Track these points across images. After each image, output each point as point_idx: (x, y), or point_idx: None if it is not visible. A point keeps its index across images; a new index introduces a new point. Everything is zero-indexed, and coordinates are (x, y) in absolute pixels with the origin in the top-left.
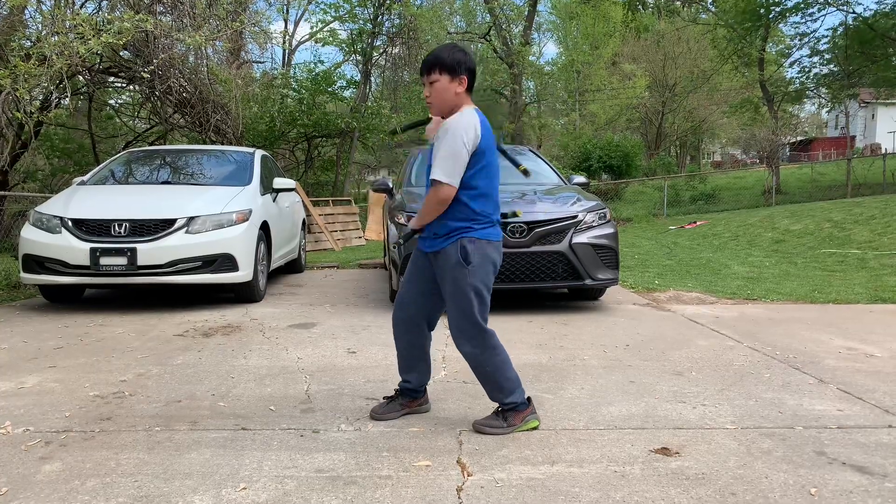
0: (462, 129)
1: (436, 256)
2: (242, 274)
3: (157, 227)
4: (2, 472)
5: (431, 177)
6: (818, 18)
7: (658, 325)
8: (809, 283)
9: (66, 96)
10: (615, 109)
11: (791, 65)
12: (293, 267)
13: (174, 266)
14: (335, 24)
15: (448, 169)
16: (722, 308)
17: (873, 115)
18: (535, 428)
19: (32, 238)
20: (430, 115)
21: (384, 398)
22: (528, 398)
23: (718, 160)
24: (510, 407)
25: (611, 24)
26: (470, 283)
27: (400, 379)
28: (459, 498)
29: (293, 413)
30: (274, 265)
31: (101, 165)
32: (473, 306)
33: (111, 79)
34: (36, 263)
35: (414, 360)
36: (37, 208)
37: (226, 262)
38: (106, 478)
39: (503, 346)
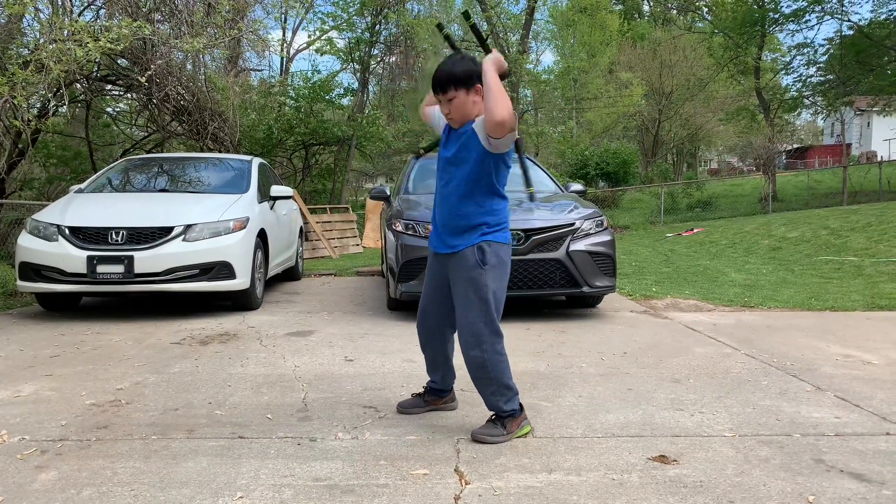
0: None
1: (449, 258)
2: (240, 282)
3: (154, 235)
4: None
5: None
6: (814, 26)
7: (655, 332)
8: (806, 291)
9: (64, 104)
10: (612, 117)
11: (787, 73)
12: (291, 274)
13: (171, 274)
14: (333, 33)
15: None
16: (719, 315)
17: (869, 122)
18: (527, 433)
19: (29, 246)
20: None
21: (413, 395)
22: (520, 404)
23: (715, 168)
24: (509, 413)
25: (607, 33)
26: (487, 285)
27: (428, 378)
28: None
29: (290, 421)
30: (271, 273)
31: (98, 173)
32: (491, 309)
33: (109, 87)
34: (33, 271)
35: (438, 364)
36: (34, 216)
37: (223, 269)
38: (102, 487)
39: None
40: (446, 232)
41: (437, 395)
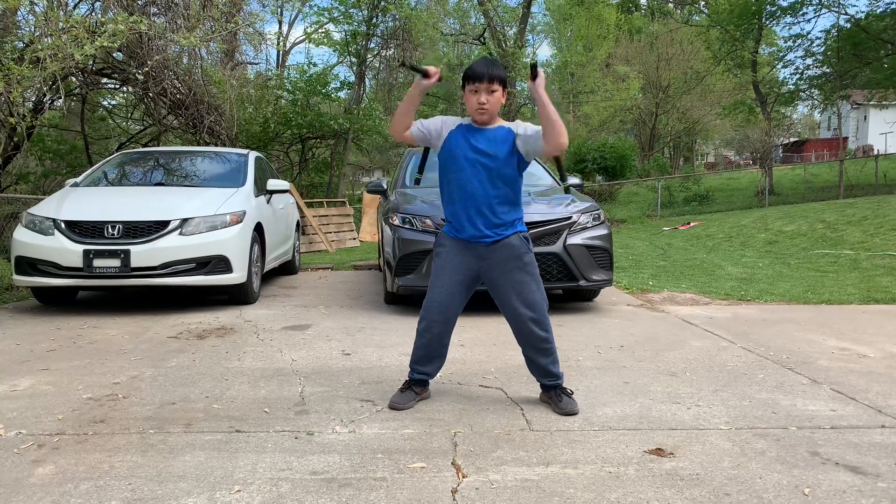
0: None
1: (493, 247)
2: (236, 276)
3: (150, 229)
4: None
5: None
6: (812, 19)
7: (652, 325)
8: (802, 284)
9: (60, 98)
10: (609, 111)
11: (784, 66)
12: (287, 268)
13: (168, 268)
14: (329, 26)
15: None
16: (716, 309)
17: (865, 116)
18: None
19: (25, 240)
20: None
21: (400, 389)
22: None
23: (712, 161)
24: (561, 376)
25: (604, 27)
26: (537, 268)
27: (410, 370)
28: (454, 499)
29: (287, 415)
30: (268, 267)
31: (94, 167)
32: (543, 290)
33: (104, 80)
34: (28, 265)
35: (438, 353)
36: (29, 210)
37: (220, 263)
38: (99, 481)
39: None
40: (482, 225)
41: (424, 385)
